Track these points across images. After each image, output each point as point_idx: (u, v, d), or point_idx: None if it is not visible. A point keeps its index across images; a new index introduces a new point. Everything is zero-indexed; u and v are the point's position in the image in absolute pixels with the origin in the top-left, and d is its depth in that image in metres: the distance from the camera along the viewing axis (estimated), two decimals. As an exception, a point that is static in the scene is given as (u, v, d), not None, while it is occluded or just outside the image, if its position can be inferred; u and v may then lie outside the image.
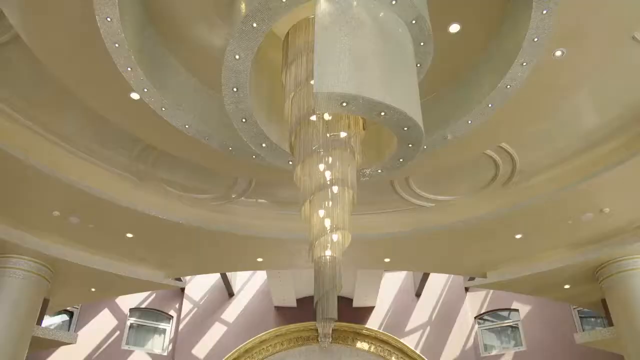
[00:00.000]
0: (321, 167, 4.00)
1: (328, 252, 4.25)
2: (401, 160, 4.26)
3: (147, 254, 9.59)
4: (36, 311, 9.12)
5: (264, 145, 5.05)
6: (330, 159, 4.00)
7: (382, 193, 8.65)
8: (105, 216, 8.27)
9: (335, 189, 4.01)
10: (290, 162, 5.08)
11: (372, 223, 8.89)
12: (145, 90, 5.43)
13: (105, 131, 7.16)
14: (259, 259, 9.86)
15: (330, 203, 4.05)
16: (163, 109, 5.67)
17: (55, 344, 10.44)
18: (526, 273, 9.68)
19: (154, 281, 9.95)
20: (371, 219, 8.88)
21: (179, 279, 10.66)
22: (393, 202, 8.82)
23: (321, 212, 4.13)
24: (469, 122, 5.70)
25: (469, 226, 8.55)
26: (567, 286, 10.07)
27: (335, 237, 4.23)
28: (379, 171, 4.75)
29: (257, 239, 8.97)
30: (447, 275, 14.89)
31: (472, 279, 10.57)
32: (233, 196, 8.62)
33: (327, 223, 4.12)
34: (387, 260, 9.98)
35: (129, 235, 8.85)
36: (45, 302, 9.81)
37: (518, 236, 8.87)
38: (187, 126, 5.90)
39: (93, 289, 10.24)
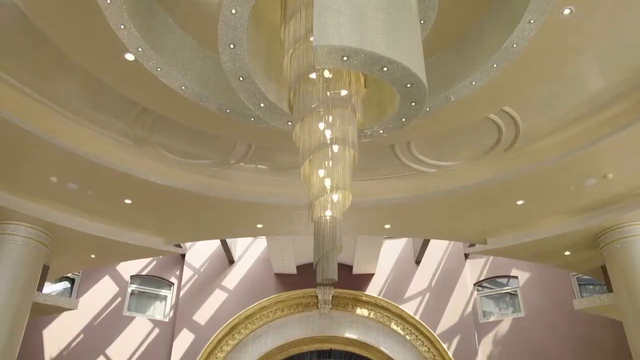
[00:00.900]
0: (321, 125, 3.88)
1: (328, 213, 4.17)
2: (403, 119, 4.14)
3: (146, 220, 9.55)
4: (36, 277, 9.12)
5: (262, 105, 4.92)
6: (330, 117, 3.87)
7: (382, 159, 8.54)
8: (103, 182, 8.19)
9: (335, 148, 3.90)
10: (290, 123, 4.97)
11: (372, 189, 8.81)
12: (140, 49, 5.27)
13: (102, 95, 7.02)
14: (259, 225, 9.82)
15: (331, 163, 3.94)
16: (158, 69, 5.52)
17: (57, 310, 10.51)
18: (527, 239, 9.64)
19: (153, 247, 9.93)
20: (371, 184, 8.80)
21: (178, 246, 10.64)
22: (394, 168, 8.72)
23: (321, 172, 4.04)
24: (473, 83, 5.56)
25: (471, 192, 8.48)
26: (567, 253, 10.05)
27: (335, 197, 4.14)
28: (380, 132, 4.63)
29: (257, 205, 8.91)
30: (447, 242, 14.92)
31: (472, 245, 10.55)
32: (232, 162, 8.52)
33: (327, 183, 4.03)
34: (387, 226, 9.94)
35: (128, 201, 8.79)
36: (45, 269, 9.83)
37: (519, 202, 8.80)
38: (183, 87, 5.75)
39: (93, 256, 10.24)
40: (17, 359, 11.84)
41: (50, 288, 13.00)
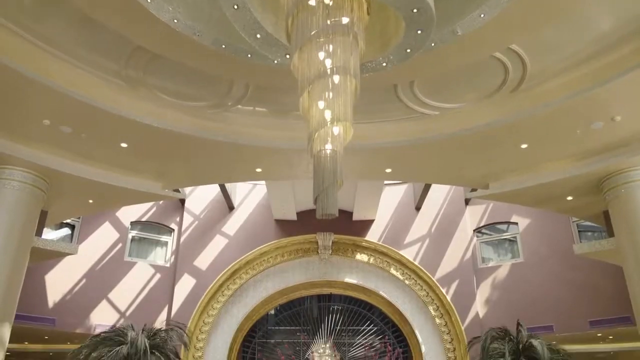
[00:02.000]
0: (321, 55, 3.64)
1: (328, 146, 3.98)
2: (408, 50, 3.90)
3: (143, 165, 9.39)
4: (34, 222, 9.06)
5: (258, 36, 4.64)
6: (330, 46, 3.62)
7: (384, 101, 8.28)
8: (97, 125, 7.99)
9: (336, 78, 3.67)
10: (288, 56, 4.70)
11: (373, 132, 8.60)
12: (129, -21, 4.95)
13: (93, 35, 6.69)
14: (258, 169, 9.67)
15: (331, 94, 3.72)
16: (149, 0, 5.21)
17: (57, 255, 10.54)
18: (529, 184, 9.50)
19: (151, 192, 9.81)
20: (373, 127, 8.58)
21: (177, 191, 10.53)
22: (396, 111, 8.47)
23: (321, 104, 3.82)
24: (482, 15, 5.26)
25: (474, 135, 8.28)
26: (569, 198, 9.95)
27: (336, 130, 3.94)
28: (384, 64, 4.38)
29: (255, 148, 8.74)
30: (447, 188, 14.83)
31: (474, 190, 10.42)
32: (229, 103, 8.27)
33: (328, 115, 3.82)
34: (388, 170, 9.79)
35: (123, 145, 8.60)
36: (44, 214, 9.77)
37: (524, 146, 8.61)
38: (175, 21, 5.45)
39: (90, 201, 10.14)
40: (22, 303, 12.06)
41: (51, 235, 13.02)
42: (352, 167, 9.36)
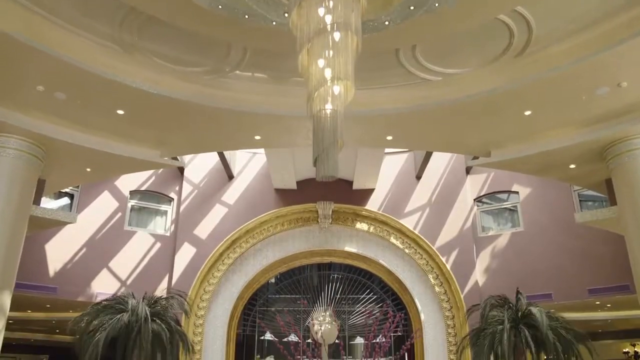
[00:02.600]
0: (321, 11, 3.48)
1: (328, 106, 3.84)
2: (411, 7, 3.73)
3: (140, 132, 9.23)
4: (31, 190, 8.97)
5: (256, -6, 4.46)
6: (331, 2, 3.46)
7: (386, 67, 8.07)
8: (92, 91, 7.82)
9: (337, 35, 3.51)
10: (286, 15, 4.53)
11: (374, 98, 8.42)
12: None
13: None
14: (257, 137, 9.53)
15: (331, 52, 3.57)
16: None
17: (56, 224, 10.50)
18: (532, 152, 9.36)
19: (149, 160, 9.66)
20: (373, 93, 8.39)
21: (175, 159, 10.41)
22: (397, 76, 8.27)
23: (320, 62, 3.67)
24: (487, -26, 5.04)
25: (477, 101, 8.12)
26: (572, 166, 9.83)
27: (336, 89, 3.80)
28: (386, 23, 4.22)
29: (254, 115, 8.58)
30: (448, 157, 14.72)
31: (475, 158, 10.30)
32: (227, 69, 8.07)
33: (328, 73, 3.68)
34: (389, 138, 9.65)
35: (120, 112, 8.44)
36: (42, 183, 9.70)
37: (527, 113, 8.46)
38: (169, -20, 5.25)
39: (88, 169, 10.03)
40: (23, 272, 12.07)
41: (50, 205, 12.97)
42: (352, 135, 9.21)
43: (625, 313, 14.50)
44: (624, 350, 17.57)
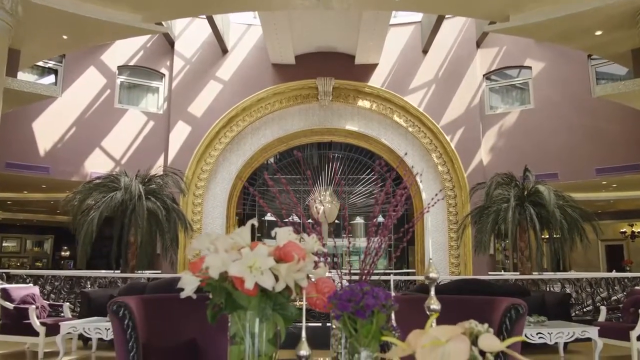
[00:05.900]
0: None
1: None
2: None
3: (118, -7, 8.26)
4: (3, 60, 8.19)
5: None
6: None
7: None
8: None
9: None
10: None
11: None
12: None
13: None
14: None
15: None
16: None
17: (37, 98, 9.85)
18: (555, 15, 8.42)
19: (130, 25, 8.72)
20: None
21: (160, 24, 9.42)
22: None
23: None
24: None
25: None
26: (598, 32, 8.91)
27: None
28: None
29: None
30: (458, 28, 13.62)
31: (492, 23, 9.34)
32: None
33: None
34: None
35: (92, -34, 7.42)
36: (15, 53, 8.96)
37: (555, -33, 7.45)
38: None
39: (65, 37, 9.13)
40: (13, 151, 11.66)
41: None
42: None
43: (630, 193, 14.35)
44: (621, 230, 17.77)
